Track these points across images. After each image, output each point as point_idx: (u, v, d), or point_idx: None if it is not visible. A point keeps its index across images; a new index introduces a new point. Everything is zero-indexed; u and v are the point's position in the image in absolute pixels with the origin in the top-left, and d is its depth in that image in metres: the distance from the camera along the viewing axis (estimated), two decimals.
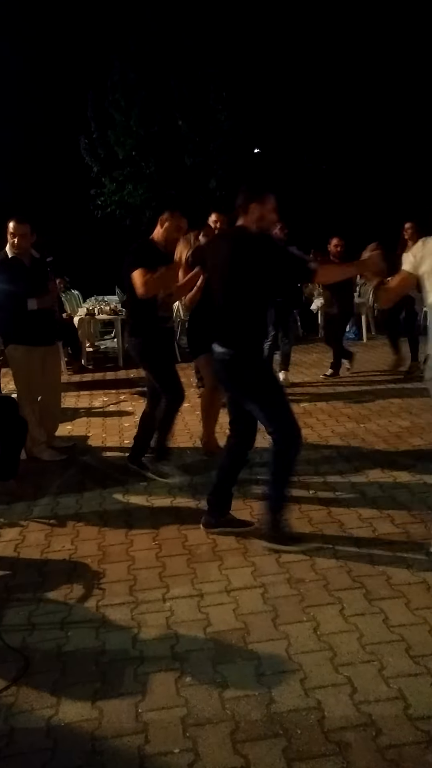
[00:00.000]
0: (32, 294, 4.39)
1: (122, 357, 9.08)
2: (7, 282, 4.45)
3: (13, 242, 4.44)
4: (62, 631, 2.54)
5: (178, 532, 3.40)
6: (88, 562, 3.13)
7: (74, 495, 4.03)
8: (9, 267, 4.47)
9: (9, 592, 2.86)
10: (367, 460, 4.36)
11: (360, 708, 2.02)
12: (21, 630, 2.55)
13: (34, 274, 4.47)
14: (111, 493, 4.04)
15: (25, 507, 3.85)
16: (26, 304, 4.39)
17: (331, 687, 2.13)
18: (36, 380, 4.65)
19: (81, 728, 2.01)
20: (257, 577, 2.88)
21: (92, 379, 8.14)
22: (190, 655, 2.34)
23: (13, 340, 4.59)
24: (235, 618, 2.57)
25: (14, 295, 4.41)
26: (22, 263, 4.46)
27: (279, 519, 3.14)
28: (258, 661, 2.29)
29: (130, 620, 2.59)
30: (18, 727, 2.03)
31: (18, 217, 4.44)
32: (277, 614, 2.57)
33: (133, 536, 3.39)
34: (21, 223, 4.42)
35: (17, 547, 3.34)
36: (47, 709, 2.10)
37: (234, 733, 1.95)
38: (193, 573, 2.95)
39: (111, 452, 5.00)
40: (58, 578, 2.97)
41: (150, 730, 1.98)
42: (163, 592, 2.80)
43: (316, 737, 1.91)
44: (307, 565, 2.95)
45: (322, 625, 2.48)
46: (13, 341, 4.59)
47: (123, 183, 17.11)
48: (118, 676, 2.25)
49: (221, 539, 3.28)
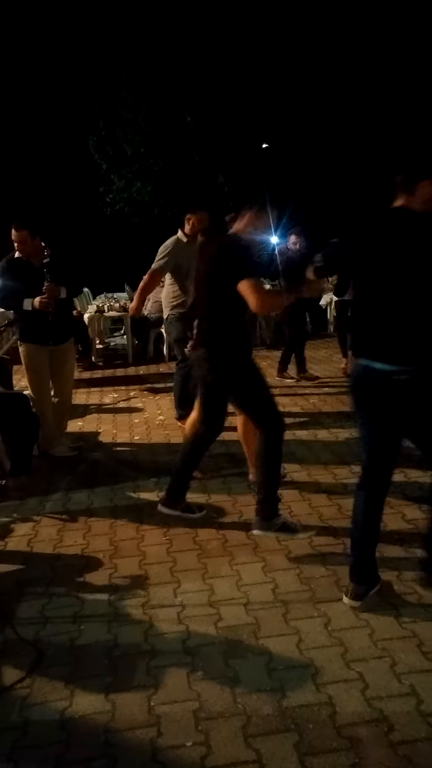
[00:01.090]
0: (32, 294, 4.41)
1: (131, 354, 9.12)
2: (9, 282, 4.49)
3: (15, 246, 4.48)
4: (75, 625, 2.56)
5: (188, 528, 3.41)
6: (99, 556, 3.16)
7: (86, 491, 4.05)
8: (13, 267, 4.50)
9: (22, 586, 2.89)
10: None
11: (372, 704, 2.03)
12: (34, 623, 2.58)
13: (41, 275, 4.47)
14: (122, 488, 4.06)
15: (37, 502, 3.88)
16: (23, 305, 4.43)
17: (343, 682, 2.13)
18: (46, 377, 4.68)
19: (94, 720, 2.03)
20: (268, 572, 2.89)
21: (102, 375, 8.17)
22: (202, 650, 2.36)
23: (22, 338, 4.64)
24: (246, 613, 2.58)
25: (16, 295, 4.45)
26: (27, 264, 4.47)
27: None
28: (269, 656, 2.30)
29: (141, 614, 2.61)
30: (32, 719, 2.05)
31: (17, 222, 4.41)
32: (288, 610, 2.58)
33: (144, 531, 3.41)
34: (18, 230, 4.39)
35: (30, 541, 3.36)
36: (61, 702, 2.12)
37: (246, 727, 1.96)
38: (204, 568, 2.97)
39: (121, 448, 5.02)
40: (71, 572, 3.00)
41: (162, 723, 2.00)
42: (174, 587, 2.81)
43: (328, 732, 1.92)
44: (318, 561, 2.96)
45: (333, 621, 2.49)
46: (22, 339, 4.64)
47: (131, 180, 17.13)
48: (130, 670, 2.27)
49: (232, 535, 3.29)
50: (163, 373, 8.06)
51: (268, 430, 3.22)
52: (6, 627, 2.54)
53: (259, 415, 3.29)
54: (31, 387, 4.66)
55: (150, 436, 5.25)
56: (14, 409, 4.05)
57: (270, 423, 3.23)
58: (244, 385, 3.26)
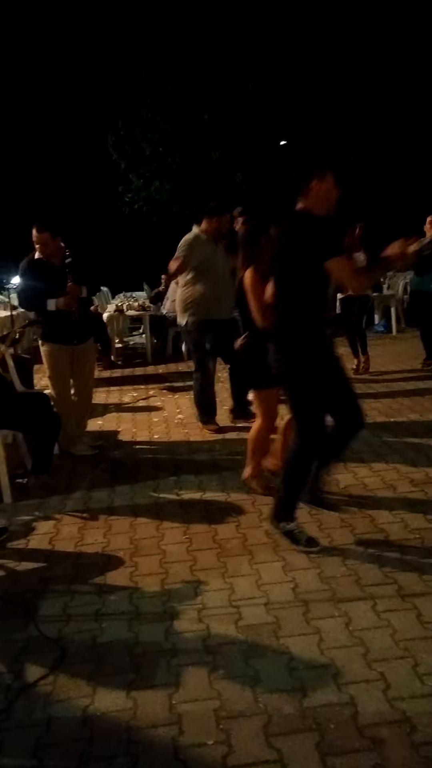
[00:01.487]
0: (54, 295, 4.45)
1: (150, 353, 9.16)
2: (31, 282, 4.54)
3: (36, 247, 4.52)
4: (96, 623, 2.58)
5: (208, 527, 3.42)
6: (120, 555, 3.18)
7: (106, 489, 4.08)
8: (34, 267, 4.55)
9: (44, 584, 2.92)
10: (398, 456, 4.32)
11: (394, 704, 2.01)
12: (57, 621, 2.61)
13: (62, 275, 4.51)
14: (142, 487, 4.09)
15: (59, 501, 3.92)
16: (47, 305, 4.47)
17: (365, 683, 2.12)
18: (68, 377, 4.72)
19: (116, 718, 2.05)
20: (288, 571, 2.89)
21: (121, 374, 8.22)
22: (222, 649, 2.36)
23: (44, 337, 4.68)
24: (266, 612, 2.58)
25: (38, 295, 4.49)
26: (48, 264, 4.52)
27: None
28: (290, 656, 2.30)
29: (162, 613, 2.63)
30: (55, 715, 2.07)
31: (38, 225, 4.45)
32: (308, 609, 2.58)
33: (164, 530, 3.43)
34: (41, 232, 4.43)
35: (52, 539, 3.40)
36: (83, 699, 2.14)
37: (267, 727, 1.96)
38: (224, 567, 2.97)
39: (141, 447, 5.04)
40: (92, 571, 3.02)
41: (184, 721, 2.01)
42: (195, 585, 2.82)
43: (350, 732, 1.91)
44: (338, 561, 2.95)
45: (354, 621, 2.47)
46: (44, 338, 4.68)
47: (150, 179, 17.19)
48: (151, 668, 2.28)
49: (251, 534, 3.29)
50: (182, 371, 8.08)
51: (302, 441, 3.01)
52: (29, 624, 2.57)
53: (302, 422, 3.03)
54: (53, 386, 4.71)
55: (170, 435, 5.27)
56: (36, 409, 4.09)
57: (307, 436, 3.01)
58: (304, 384, 3.00)
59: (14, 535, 3.46)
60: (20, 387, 4.63)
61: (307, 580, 2.80)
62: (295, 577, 2.83)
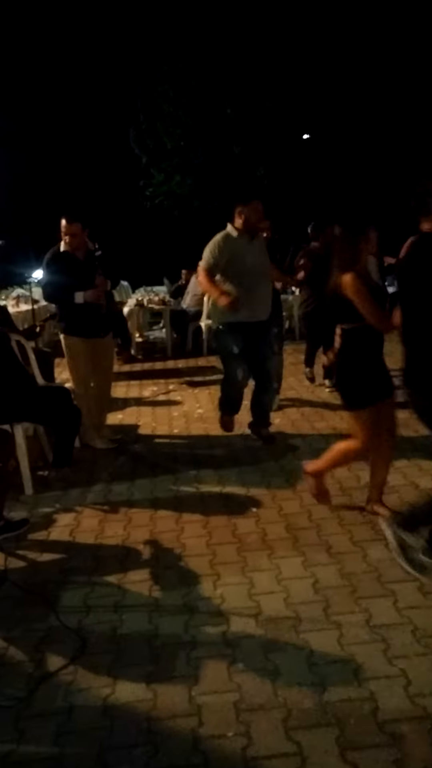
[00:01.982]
0: (81, 288, 4.47)
1: (170, 347, 9.18)
2: (56, 275, 4.56)
3: (65, 239, 4.53)
4: (116, 614, 2.60)
5: (227, 521, 3.42)
6: (140, 548, 3.20)
7: (126, 482, 4.10)
8: (59, 260, 4.57)
9: (65, 575, 2.95)
10: (421, 453, 4.28)
11: (415, 701, 2.00)
12: (77, 612, 2.63)
13: (86, 268, 4.54)
14: (161, 480, 4.10)
15: (79, 493, 3.95)
16: (74, 298, 4.49)
17: (385, 678, 2.11)
18: (89, 370, 4.75)
19: (136, 708, 2.06)
20: (308, 567, 2.88)
21: (141, 369, 8.25)
22: (242, 642, 2.37)
23: (66, 331, 4.71)
24: (286, 607, 2.57)
25: (64, 288, 4.51)
26: (73, 257, 4.54)
27: None
28: (309, 651, 2.29)
29: (182, 606, 2.64)
30: (76, 704, 2.10)
31: (68, 216, 4.48)
32: (329, 604, 2.57)
33: (184, 523, 3.44)
34: (71, 223, 4.46)
35: (72, 531, 3.43)
36: (104, 689, 2.16)
37: (286, 720, 1.96)
38: (244, 561, 2.97)
39: (161, 441, 5.06)
40: (112, 563, 3.04)
41: (203, 713, 2.02)
42: (214, 579, 2.83)
43: (370, 728, 1.90)
44: (359, 557, 2.93)
45: (374, 617, 2.46)
46: (66, 332, 4.71)
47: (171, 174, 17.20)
48: (171, 660, 2.29)
49: (271, 528, 3.29)
50: (201, 366, 8.09)
51: None
52: (50, 615, 2.60)
53: None
54: (74, 380, 4.74)
55: (189, 429, 5.28)
56: (57, 402, 4.13)
57: None
58: None
59: (35, 526, 3.49)
60: (41, 380, 4.67)
61: (327, 576, 2.78)
62: (315, 572, 2.82)
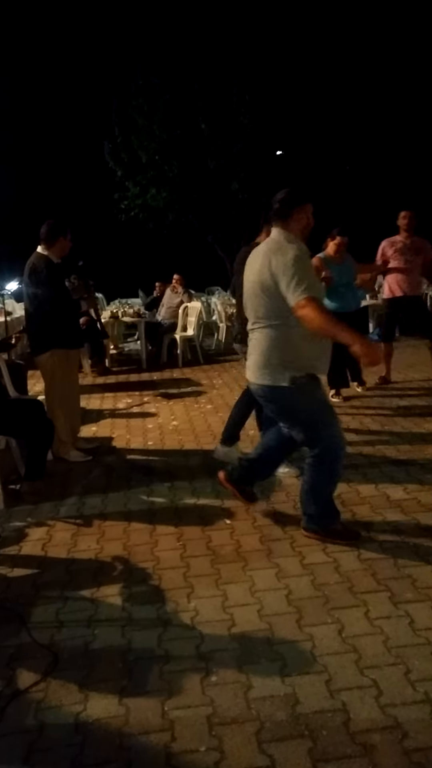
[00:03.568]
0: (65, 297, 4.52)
1: (145, 359, 9.17)
2: (61, 289, 4.57)
3: (61, 251, 4.60)
4: (89, 629, 2.58)
5: (202, 533, 3.42)
6: (113, 561, 3.17)
7: (99, 495, 4.08)
8: (57, 272, 4.58)
9: (37, 590, 2.92)
10: (392, 465, 4.34)
11: (386, 711, 2.02)
12: (49, 627, 2.60)
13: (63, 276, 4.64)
14: (135, 493, 4.08)
15: (51, 507, 3.91)
16: (72, 308, 4.52)
17: (357, 689, 2.13)
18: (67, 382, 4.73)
19: (109, 724, 2.04)
20: (281, 578, 2.89)
21: (116, 381, 8.22)
22: (215, 655, 2.36)
23: (55, 345, 4.61)
24: (260, 619, 2.58)
25: (65, 298, 4.53)
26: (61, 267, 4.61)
27: None
28: (283, 662, 2.30)
29: (155, 619, 2.62)
30: (48, 722, 2.07)
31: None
32: (302, 616, 2.58)
33: (158, 536, 3.43)
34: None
35: (44, 546, 3.39)
36: (76, 705, 2.14)
37: (259, 733, 1.96)
38: (218, 574, 2.97)
39: (135, 453, 5.04)
40: (85, 577, 3.02)
41: (176, 727, 2.01)
42: (188, 592, 2.82)
43: (342, 739, 1.92)
44: (332, 568, 2.96)
45: (346, 628, 2.48)
46: (55, 346, 4.61)
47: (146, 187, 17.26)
48: (144, 674, 2.28)
49: (245, 540, 3.30)
50: (176, 378, 8.10)
51: None
52: (22, 630, 2.56)
53: None
54: (54, 392, 4.67)
55: (163, 442, 5.28)
56: (29, 415, 4.09)
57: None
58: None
59: (7, 541, 3.45)
60: (14, 393, 4.62)
61: (300, 587, 2.80)
62: (288, 583, 2.84)
